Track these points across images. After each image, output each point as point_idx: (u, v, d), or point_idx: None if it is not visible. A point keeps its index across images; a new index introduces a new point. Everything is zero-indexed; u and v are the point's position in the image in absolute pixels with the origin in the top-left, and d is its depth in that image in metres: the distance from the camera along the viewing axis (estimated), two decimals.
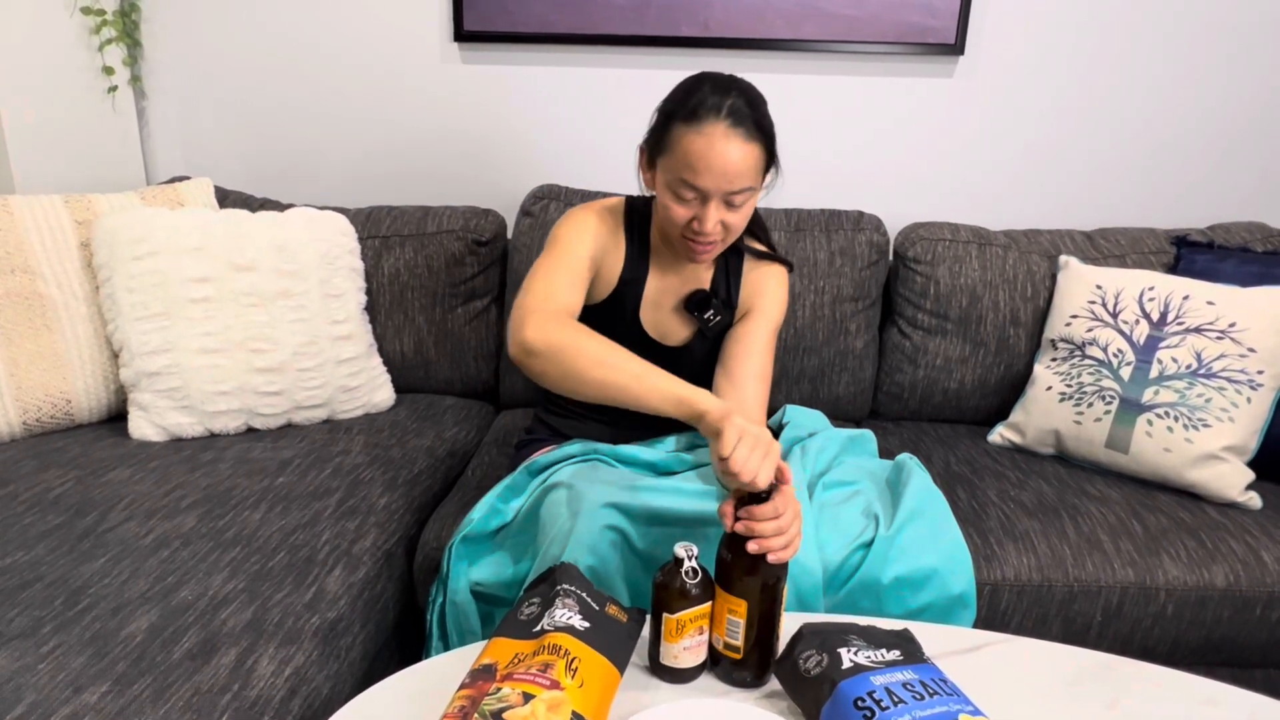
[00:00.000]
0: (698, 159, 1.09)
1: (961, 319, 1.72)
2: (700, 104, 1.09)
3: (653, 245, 1.30)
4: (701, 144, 1.08)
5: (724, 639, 0.92)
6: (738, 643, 0.91)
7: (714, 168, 1.09)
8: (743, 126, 1.09)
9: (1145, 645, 1.32)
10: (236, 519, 1.25)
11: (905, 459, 1.29)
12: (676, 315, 1.32)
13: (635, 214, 1.30)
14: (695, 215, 1.14)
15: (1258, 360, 1.44)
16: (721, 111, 1.09)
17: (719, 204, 1.12)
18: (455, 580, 1.18)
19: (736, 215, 1.15)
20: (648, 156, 1.20)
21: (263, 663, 0.99)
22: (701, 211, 1.13)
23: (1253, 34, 1.84)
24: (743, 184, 1.11)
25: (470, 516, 1.22)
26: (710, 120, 1.08)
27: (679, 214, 1.14)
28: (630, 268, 1.29)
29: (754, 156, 1.11)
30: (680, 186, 1.12)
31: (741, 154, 1.09)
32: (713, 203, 1.12)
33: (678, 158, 1.11)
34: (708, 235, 1.14)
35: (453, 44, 1.94)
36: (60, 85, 1.77)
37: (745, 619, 0.90)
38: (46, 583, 1.08)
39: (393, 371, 1.78)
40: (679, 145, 1.10)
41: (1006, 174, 1.97)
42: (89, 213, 1.55)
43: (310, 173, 2.06)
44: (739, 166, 1.09)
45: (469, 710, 0.78)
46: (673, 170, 1.12)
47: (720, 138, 1.08)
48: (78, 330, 1.52)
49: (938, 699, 0.81)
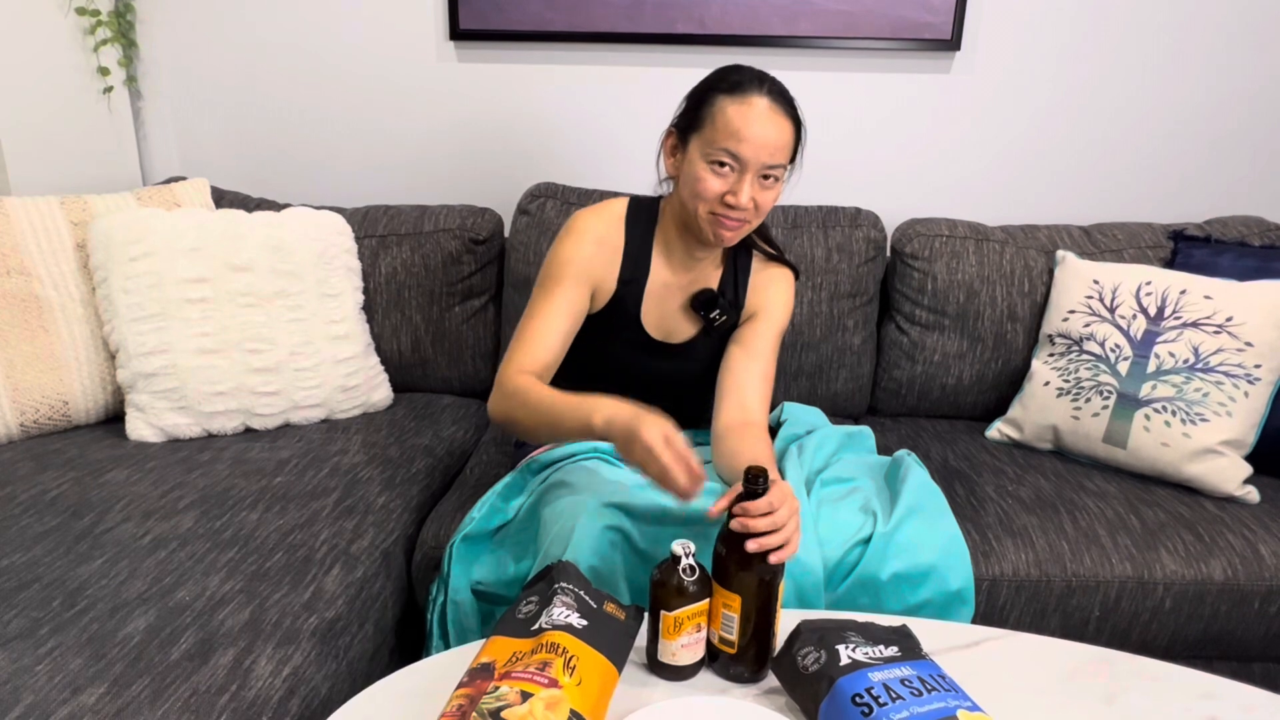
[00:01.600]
0: (741, 125, 1.11)
1: (959, 315, 1.72)
2: (742, 79, 1.14)
3: (657, 243, 1.30)
4: (746, 111, 1.11)
5: (719, 634, 0.92)
6: (733, 637, 0.91)
7: (756, 137, 1.11)
8: (780, 102, 1.13)
9: (1143, 639, 1.32)
10: (234, 519, 1.25)
11: (903, 455, 1.29)
12: (682, 313, 1.32)
13: (640, 212, 1.30)
14: (730, 189, 1.14)
15: (1255, 354, 1.44)
16: (764, 88, 1.13)
17: (755, 178, 1.13)
18: (456, 579, 1.18)
19: (767, 194, 1.16)
20: (678, 136, 1.20)
21: (261, 663, 0.99)
22: (737, 184, 1.14)
23: (1249, 28, 1.84)
24: (779, 159, 1.13)
25: (471, 515, 1.22)
26: (754, 92, 1.12)
27: (714, 186, 1.14)
28: (630, 267, 1.28)
29: (789, 133, 1.14)
30: (720, 155, 1.13)
31: (779, 127, 1.12)
32: (749, 175, 1.13)
33: (720, 127, 1.12)
34: (740, 209, 1.15)
35: (448, 42, 1.94)
36: (55, 86, 1.77)
37: (740, 614, 0.90)
38: (44, 584, 1.07)
39: (390, 371, 1.78)
40: (721, 114, 1.12)
41: (1003, 169, 1.96)
42: (85, 214, 1.55)
43: (306, 172, 2.05)
44: (779, 140, 1.12)
45: (467, 709, 0.78)
46: (712, 141, 1.13)
47: (765, 108, 1.11)
48: (74, 331, 1.52)
49: (935, 695, 0.81)
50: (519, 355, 1.22)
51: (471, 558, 1.20)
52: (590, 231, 1.25)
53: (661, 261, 1.30)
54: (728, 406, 1.25)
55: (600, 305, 1.29)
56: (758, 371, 1.28)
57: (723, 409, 1.26)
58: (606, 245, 1.26)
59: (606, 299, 1.28)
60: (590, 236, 1.25)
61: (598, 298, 1.28)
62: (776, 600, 0.92)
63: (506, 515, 1.22)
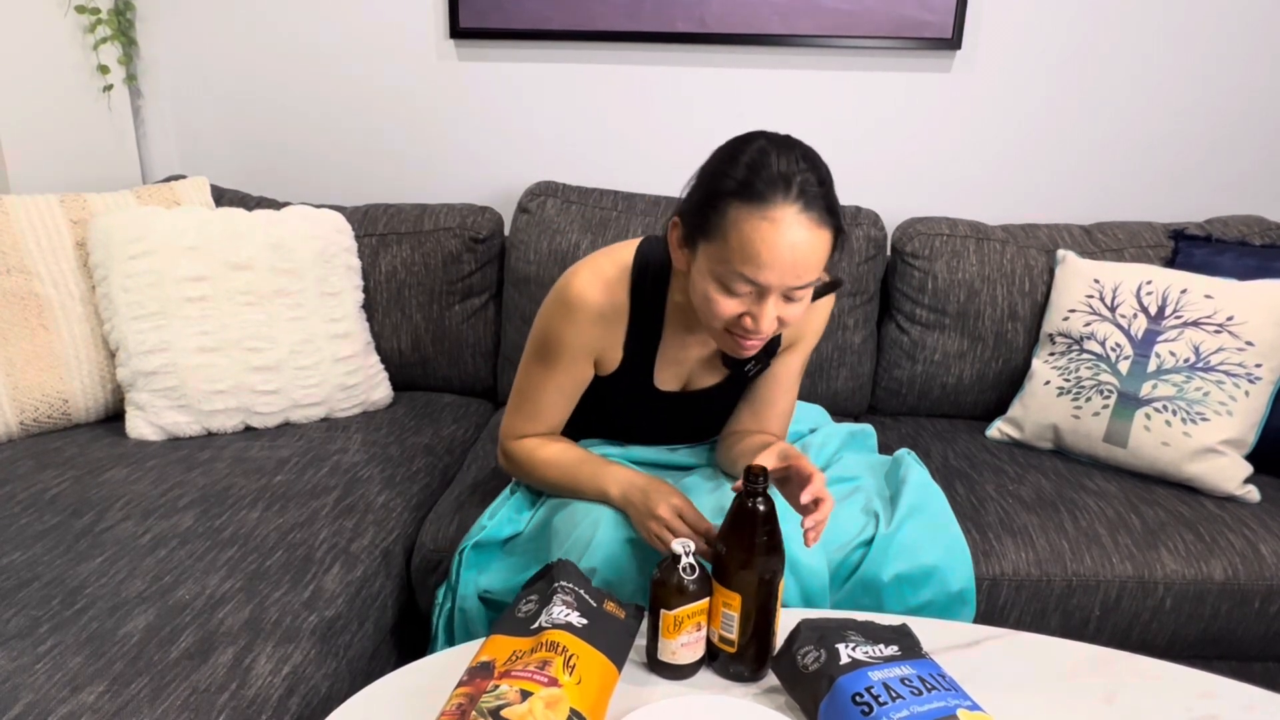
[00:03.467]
0: (764, 249, 0.90)
1: (959, 314, 1.72)
2: (766, 185, 0.91)
3: (670, 312, 1.13)
4: (768, 231, 0.90)
5: (719, 632, 0.92)
6: (732, 636, 0.91)
7: (781, 261, 0.90)
8: (815, 211, 0.91)
9: (1143, 639, 1.32)
10: (234, 518, 1.25)
11: (903, 454, 1.29)
12: (705, 364, 1.19)
13: (646, 273, 1.11)
14: (747, 311, 0.96)
15: (1256, 354, 1.44)
16: (792, 190, 0.90)
17: (778, 299, 0.95)
18: (464, 586, 1.17)
19: (794, 309, 0.97)
20: (684, 233, 1.00)
21: (260, 661, 0.99)
22: (756, 309, 0.95)
23: (1250, 26, 1.83)
24: (809, 278, 0.93)
25: (481, 523, 1.21)
26: (779, 202, 0.90)
27: (728, 308, 0.96)
28: (638, 338, 1.12)
29: (824, 245, 0.93)
30: (734, 279, 0.93)
31: (813, 244, 0.91)
32: (771, 298, 0.94)
33: (734, 245, 0.91)
34: (760, 334, 0.97)
35: (448, 41, 1.93)
36: (55, 84, 1.77)
37: (740, 613, 0.90)
38: (44, 582, 1.07)
39: (390, 369, 1.78)
40: (738, 232, 0.91)
41: (1004, 168, 1.96)
42: (84, 212, 1.55)
43: (306, 171, 2.05)
44: (810, 259, 0.92)
45: (467, 708, 0.78)
46: (724, 260, 0.93)
47: (791, 223, 0.90)
48: (74, 330, 1.51)
49: (936, 694, 0.81)
50: (520, 424, 1.18)
51: (481, 565, 1.19)
52: (590, 310, 1.08)
53: (677, 323, 1.13)
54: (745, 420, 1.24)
55: (607, 371, 1.16)
56: (783, 409, 1.22)
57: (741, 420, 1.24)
58: (608, 321, 1.10)
59: (613, 368, 1.15)
60: (590, 316, 1.09)
61: (602, 365, 1.16)
62: (776, 599, 0.92)
63: (519, 526, 1.20)
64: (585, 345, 1.12)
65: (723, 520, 0.93)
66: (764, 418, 1.22)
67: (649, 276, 1.11)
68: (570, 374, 1.15)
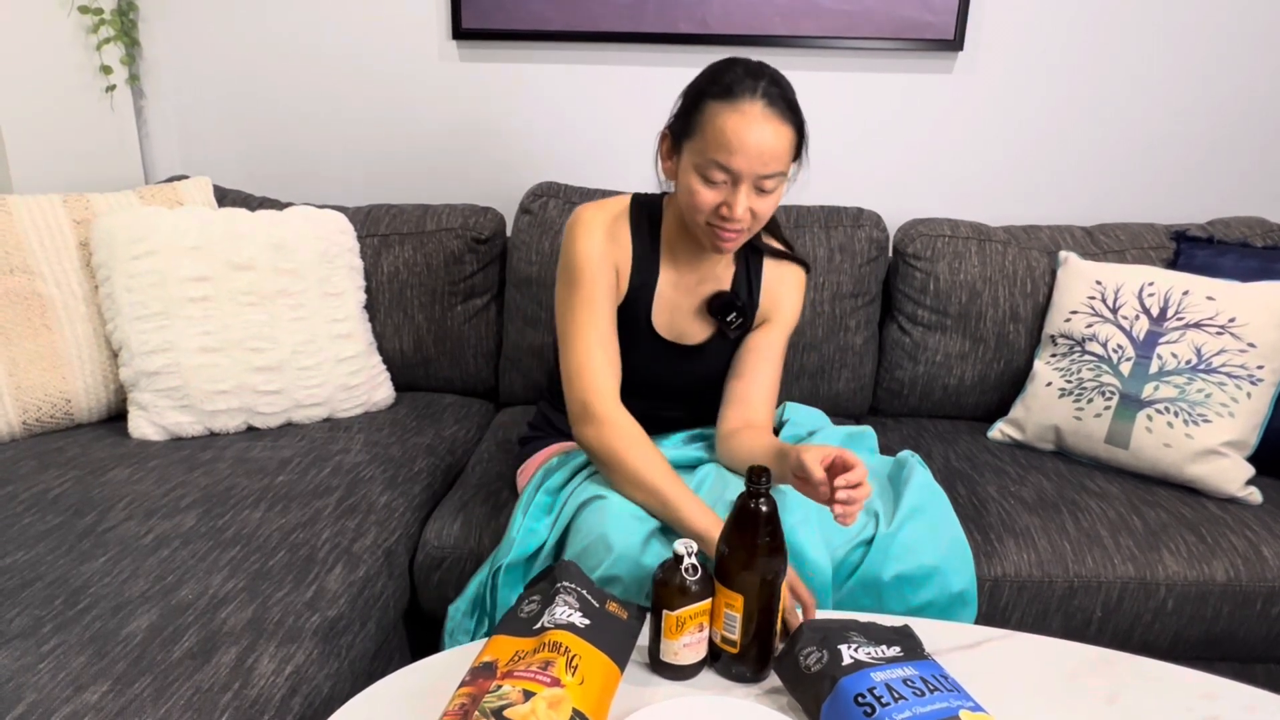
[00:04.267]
0: (733, 136, 1.05)
1: (961, 315, 1.72)
2: (735, 82, 1.07)
3: (664, 244, 1.26)
4: (736, 120, 1.05)
5: (722, 633, 0.92)
6: (734, 637, 0.91)
7: (749, 147, 1.05)
8: (777, 106, 1.07)
9: (1145, 640, 1.32)
10: (236, 518, 1.25)
11: (906, 456, 1.29)
12: (695, 316, 1.29)
13: (643, 212, 1.26)
14: (724, 200, 1.10)
15: (1257, 355, 1.44)
16: (758, 91, 1.06)
17: (750, 188, 1.09)
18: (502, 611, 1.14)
19: (766, 202, 1.11)
20: (672, 141, 1.16)
21: (263, 661, 0.99)
22: (731, 196, 1.09)
23: (1252, 27, 1.83)
24: (776, 168, 1.08)
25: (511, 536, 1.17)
26: (746, 98, 1.05)
27: (707, 199, 1.10)
28: (640, 271, 1.25)
29: (788, 139, 1.08)
30: (711, 168, 1.08)
31: (776, 135, 1.06)
32: (744, 186, 1.08)
33: (709, 137, 1.07)
34: (736, 222, 1.10)
35: (451, 41, 1.94)
36: (58, 84, 1.77)
37: (742, 613, 0.90)
38: (47, 582, 1.08)
39: (392, 370, 1.78)
40: (712, 123, 1.07)
41: (1006, 170, 1.96)
42: (87, 212, 1.55)
43: (309, 171, 2.06)
44: (774, 148, 1.06)
45: (470, 708, 0.78)
46: (703, 151, 1.08)
47: (757, 116, 1.05)
48: (77, 330, 1.52)
49: (938, 695, 0.81)
50: (597, 379, 1.16)
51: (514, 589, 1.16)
52: (599, 224, 1.21)
53: (670, 263, 1.26)
54: (733, 414, 1.26)
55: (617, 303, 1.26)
56: (767, 378, 1.28)
57: (728, 414, 1.27)
58: (616, 241, 1.23)
59: (619, 301, 1.25)
60: (600, 229, 1.21)
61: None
62: (779, 600, 0.92)
63: (542, 535, 1.17)
64: (603, 257, 1.21)
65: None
66: (748, 389, 1.27)
67: (645, 214, 1.26)
68: (601, 290, 1.19)
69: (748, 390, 1.27)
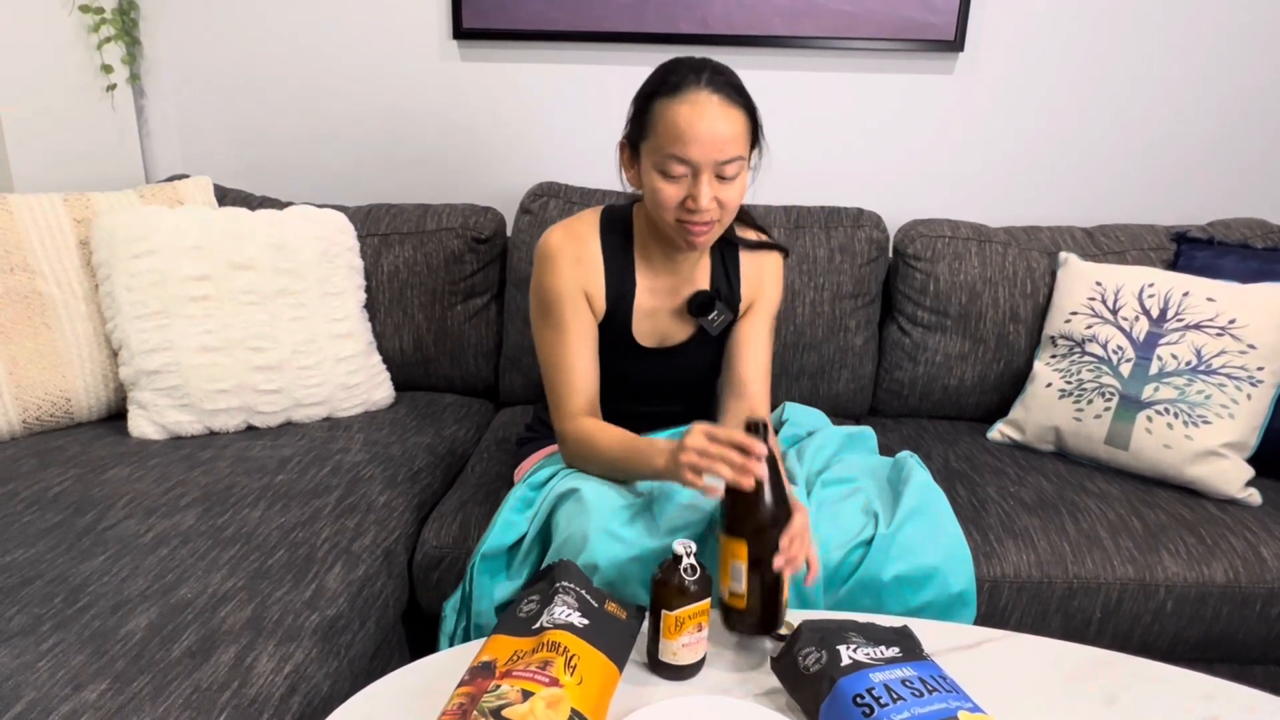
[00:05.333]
0: (686, 127, 1.07)
1: (961, 316, 1.72)
2: (680, 78, 1.09)
3: (637, 252, 1.26)
4: (687, 112, 1.07)
5: (729, 588, 0.93)
6: (741, 589, 0.92)
7: (701, 135, 1.07)
8: (725, 93, 1.08)
9: (1145, 641, 1.32)
10: (236, 517, 1.25)
11: (905, 456, 1.29)
12: (676, 317, 1.30)
13: (614, 223, 1.26)
14: (688, 194, 1.10)
15: (1257, 357, 1.44)
16: (702, 80, 1.08)
17: (711, 177, 1.10)
18: (479, 602, 1.16)
19: (730, 190, 1.12)
20: (630, 148, 1.17)
21: (262, 660, 0.99)
22: (694, 188, 1.10)
23: (1253, 29, 1.83)
24: (732, 152, 1.09)
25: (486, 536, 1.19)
26: (693, 89, 1.08)
27: (671, 194, 1.11)
28: (615, 284, 1.25)
29: (739, 123, 1.09)
30: (670, 163, 1.09)
31: (727, 119, 1.08)
32: (704, 176, 1.09)
33: (663, 133, 1.09)
34: (703, 213, 1.11)
35: (451, 41, 1.94)
36: (59, 83, 1.77)
37: (747, 561, 0.91)
38: (46, 580, 1.08)
39: (392, 369, 1.78)
40: (664, 119, 1.09)
41: (1006, 170, 1.96)
42: (88, 211, 1.55)
43: (309, 171, 2.06)
44: (727, 133, 1.08)
45: (468, 708, 0.78)
46: (660, 149, 1.09)
47: (704, 103, 1.07)
48: (77, 329, 1.52)
49: (937, 695, 0.81)
50: (566, 402, 1.23)
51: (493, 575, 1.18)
52: (565, 254, 1.21)
53: (645, 270, 1.26)
54: (733, 401, 1.29)
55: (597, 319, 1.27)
56: (760, 366, 1.30)
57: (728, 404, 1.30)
58: (585, 263, 1.23)
59: (600, 316, 1.26)
60: (567, 256, 1.21)
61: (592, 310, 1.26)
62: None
63: (521, 528, 1.19)
64: (574, 288, 1.22)
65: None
66: (744, 379, 1.29)
67: (616, 227, 1.26)
68: (577, 323, 1.22)
69: (743, 380, 1.29)
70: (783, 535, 0.94)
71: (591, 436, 1.19)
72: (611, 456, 1.16)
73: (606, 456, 1.17)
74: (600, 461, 1.18)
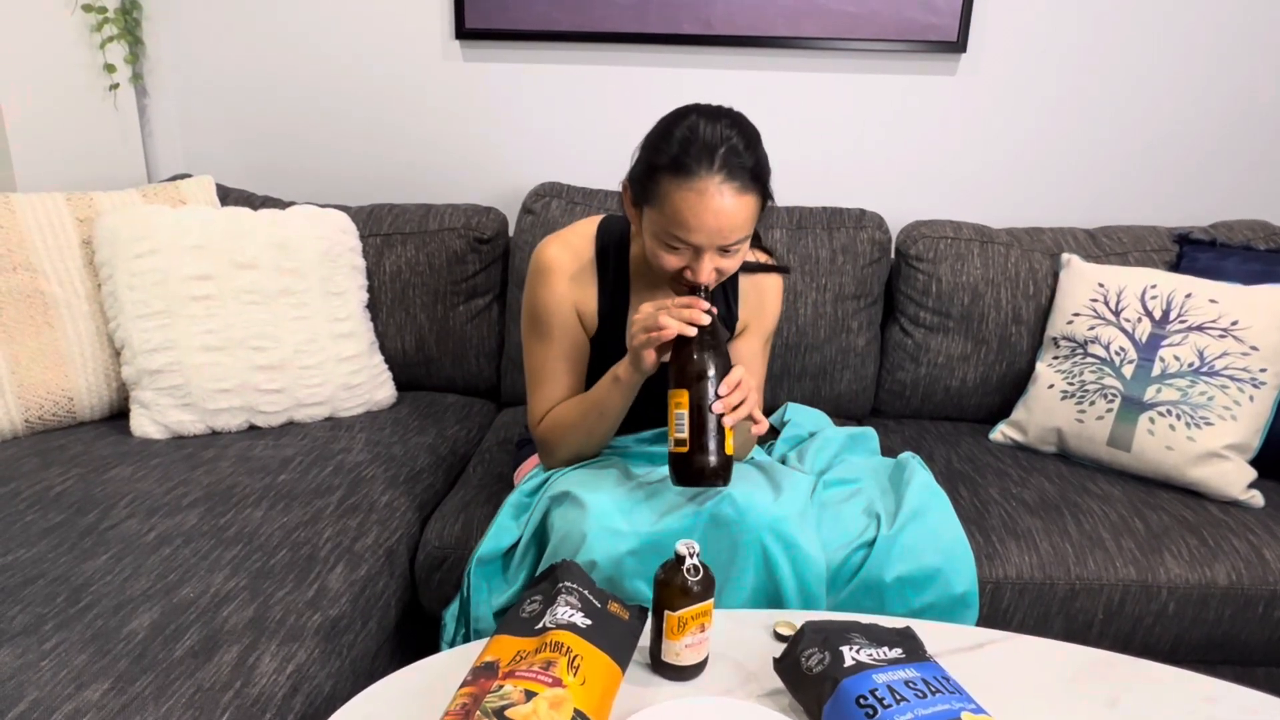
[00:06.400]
0: (690, 216, 1.01)
1: (963, 317, 1.72)
2: (691, 159, 1.01)
3: (633, 270, 1.24)
4: (693, 201, 1.00)
5: (674, 436, 0.97)
6: (684, 435, 0.97)
7: (707, 225, 1.01)
8: (737, 179, 1.01)
9: (1147, 643, 1.32)
10: (238, 517, 1.26)
11: (907, 457, 1.29)
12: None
13: (610, 239, 1.24)
14: (688, 265, 1.07)
15: (1260, 358, 1.44)
16: (715, 163, 1.00)
17: (713, 254, 1.06)
18: (477, 608, 1.16)
19: (730, 261, 1.08)
20: (633, 197, 1.11)
21: (264, 660, 0.99)
22: (694, 262, 1.06)
23: (1255, 31, 1.83)
24: (737, 236, 1.04)
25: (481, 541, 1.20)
26: (703, 174, 1.00)
27: (670, 263, 1.07)
28: (608, 301, 1.23)
29: (749, 209, 1.04)
30: (671, 239, 1.05)
31: (736, 207, 1.02)
32: (706, 255, 1.05)
33: (667, 214, 1.03)
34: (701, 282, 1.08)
35: (454, 41, 1.94)
36: (61, 83, 1.77)
37: (689, 408, 0.96)
38: (48, 580, 1.08)
39: (394, 369, 1.78)
40: (668, 201, 1.02)
41: (1008, 172, 1.96)
42: (90, 210, 1.55)
43: (312, 170, 2.06)
44: (734, 221, 1.02)
45: (471, 708, 0.78)
46: (661, 225, 1.05)
47: (714, 194, 1.00)
48: (79, 328, 1.52)
49: (940, 697, 0.81)
50: (541, 409, 1.24)
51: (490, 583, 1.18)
52: (561, 270, 1.20)
53: (642, 285, 1.24)
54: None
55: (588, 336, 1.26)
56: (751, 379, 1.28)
57: None
58: (580, 280, 1.22)
59: (592, 332, 1.25)
60: (562, 275, 1.20)
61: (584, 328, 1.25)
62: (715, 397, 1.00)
63: (515, 534, 1.19)
64: (565, 305, 1.21)
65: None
66: None
67: (612, 242, 1.23)
68: (564, 338, 1.22)
69: None
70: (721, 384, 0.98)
71: (556, 417, 1.21)
72: (579, 414, 1.18)
73: (576, 420, 1.18)
74: (574, 430, 1.18)
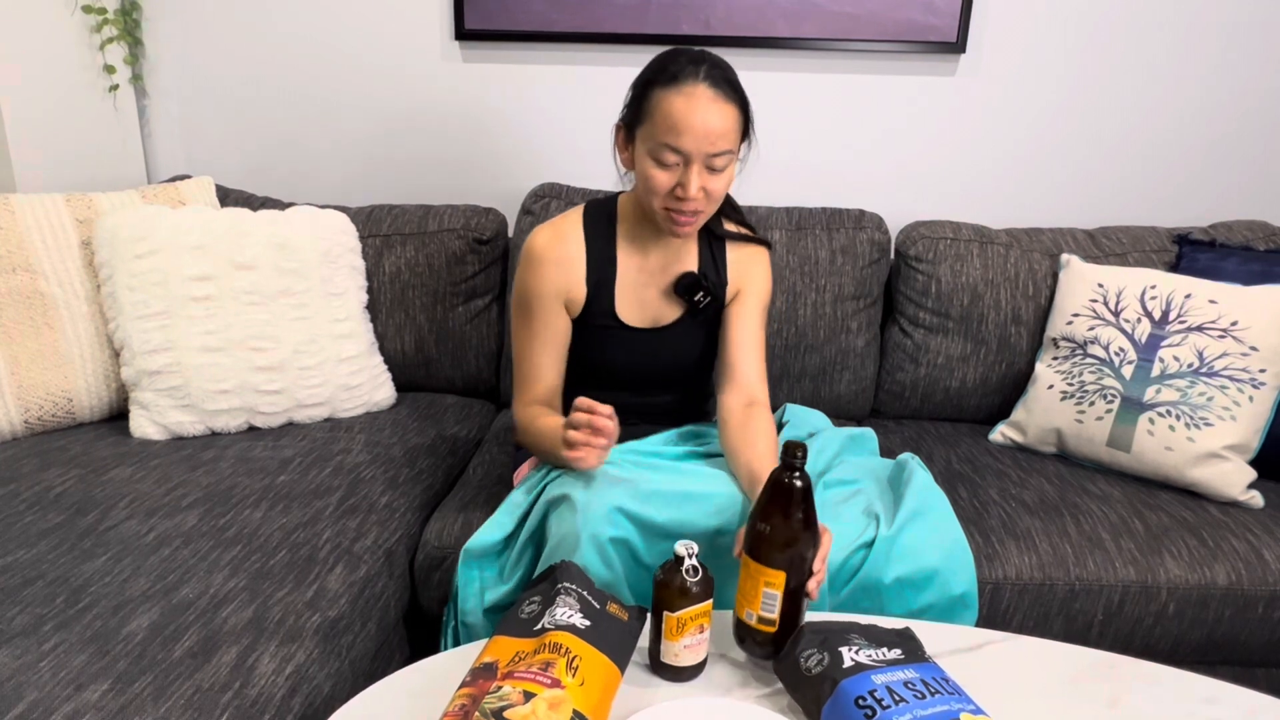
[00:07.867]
0: (680, 119, 1.10)
1: (963, 317, 1.72)
2: (678, 68, 1.12)
3: (621, 236, 1.30)
4: (682, 104, 1.10)
5: (759, 614, 0.93)
6: (774, 615, 0.92)
7: (695, 128, 1.10)
8: (720, 88, 1.12)
9: (1146, 644, 1.32)
10: (237, 517, 1.25)
11: (907, 458, 1.29)
12: (664, 298, 1.32)
13: (597, 214, 1.30)
14: (678, 181, 1.14)
15: (1260, 359, 1.44)
16: (700, 74, 1.12)
17: (701, 168, 1.13)
18: (464, 601, 1.17)
19: (718, 181, 1.16)
20: (625, 131, 1.20)
21: (264, 661, 0.99)
22: (684, 176, 1.14)
23: (1255, 32, 1.83)
24: (723, 146, 1.12)
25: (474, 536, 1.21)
26: (690, 81, 1.11)
27: (661, 180, 1.15)
28: (596, 269, 1.28)
29: (733, 118, 1.13)
30: (662, 151, 1.13)
31: (721, 114, 1.11)
32: (695, 166, 1.13)
33: (659, 121, 1.12)
34: (690, 202, 1.15)
35: (454, 42, 1.94)
36: (61, 84, 1.77)
37: (783, 591, 0.91)
38: (48, 581, 1.08)
39: (394, 370, 1.78)
40: (660, 108, 1.12)
41: (1008, 172, 1.96)
42: (90, 211, 1.56)
43: (311, 171, 2.06)
44: (720, 127, 1.11)
45: (470, 709, 0.78)
46: (654, 136, 1.13)
47: (701, 97, 1.11)
48: (79, 329, 1.52)
49: (939, 698, 0.81)
50: (521, 390, 1.31)
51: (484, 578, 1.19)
52: (548, 256, 1.26)
53: (630, 252, 1.30)
54: (731, 391, 1.29)
55: (577, 312, 1.30)
56: (753, 350, 1.32)
57: (727, 394, 1.30)
58: (567, 262, 1.27)
59: (581, 306, 1.29)
60: (549, 260, 1.26)
61: (572, 307, 1.29)
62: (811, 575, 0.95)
63: (507, 528, 1.20)
64: (552, 290, 1.26)
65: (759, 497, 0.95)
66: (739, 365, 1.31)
67: (599, 216, 1.30)
68: (548, 325, 1.28)
69: (737, 367, 1.30)
70: (815, 559, 0.95)
71: (533, 420, 1.26)
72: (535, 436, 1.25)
73: (534, 442, 1.26)
74: (536, 444, 1.26)
